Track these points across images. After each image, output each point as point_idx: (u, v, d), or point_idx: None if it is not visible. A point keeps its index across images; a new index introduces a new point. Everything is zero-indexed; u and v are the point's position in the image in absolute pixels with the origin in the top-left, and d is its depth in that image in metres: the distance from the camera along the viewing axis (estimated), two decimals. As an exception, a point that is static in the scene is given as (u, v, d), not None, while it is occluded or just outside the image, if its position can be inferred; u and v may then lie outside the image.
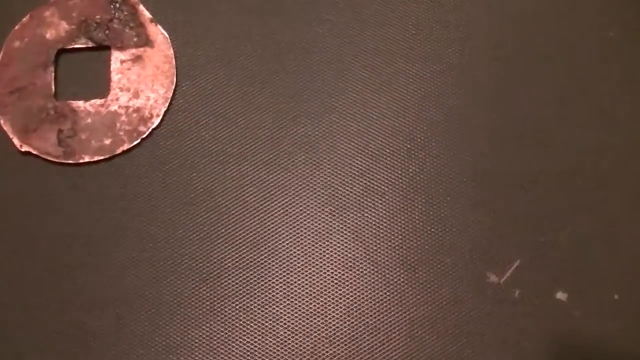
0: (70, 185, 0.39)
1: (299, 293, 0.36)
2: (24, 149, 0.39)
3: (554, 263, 0.36)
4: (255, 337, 0.35)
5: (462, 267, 0.37)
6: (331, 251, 0.37)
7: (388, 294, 0.36)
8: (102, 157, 0.39)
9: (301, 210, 0.38)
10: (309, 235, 0.37)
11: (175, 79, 0.40)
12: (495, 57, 0.41)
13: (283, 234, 0.37)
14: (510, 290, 0.36)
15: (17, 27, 0.41)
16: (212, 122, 0.40)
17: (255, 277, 0.37)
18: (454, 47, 0.41)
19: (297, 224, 0.38)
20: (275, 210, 0.38)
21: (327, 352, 0.35)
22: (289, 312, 0.36)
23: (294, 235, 0.37)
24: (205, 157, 0.39)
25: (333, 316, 0.36)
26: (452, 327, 0.35)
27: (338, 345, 0.35)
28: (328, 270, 0.37)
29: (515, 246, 0.37)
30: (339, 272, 0.37)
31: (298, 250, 0.37)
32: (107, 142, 0.39)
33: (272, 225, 0.38)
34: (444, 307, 0.36)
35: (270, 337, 0.35)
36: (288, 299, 0.36)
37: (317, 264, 0.37)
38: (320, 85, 0.40)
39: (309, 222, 0.38)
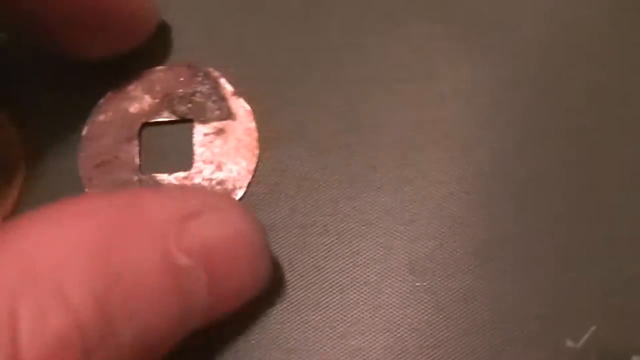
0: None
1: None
2: (111, 222, 0.40)
3: (630, 328, 0.37)
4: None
5: (543, 334, 0.37)
6: (414, 320, 0.38)
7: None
8: (188, 230, 0.40)
9: (381, 278, 0.39)
10: (391, 308, 0.38)
11: (257, 151, 0.41)
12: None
13: (366, 304, 0.38)
14: (587, 355, 0.37)
15: (101, 101, 0.43)
16: (292, 194, 0.41)
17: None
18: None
19: (378, 293, 0.38)
20: (358, 280, 0.39)
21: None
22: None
23: (376, 305, 0.38)
24: (286, 229, 0.40)
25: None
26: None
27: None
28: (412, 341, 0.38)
29: (591, 310, 0.38)
30: (421, 338, 0.37)
31: (379, 329, 0.38)
32: (193, 214, 0.40)
33: (354, 296, 0.38)
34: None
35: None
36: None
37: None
38: (394, 159, 0.41)
39: (389, 291, 0.38)
